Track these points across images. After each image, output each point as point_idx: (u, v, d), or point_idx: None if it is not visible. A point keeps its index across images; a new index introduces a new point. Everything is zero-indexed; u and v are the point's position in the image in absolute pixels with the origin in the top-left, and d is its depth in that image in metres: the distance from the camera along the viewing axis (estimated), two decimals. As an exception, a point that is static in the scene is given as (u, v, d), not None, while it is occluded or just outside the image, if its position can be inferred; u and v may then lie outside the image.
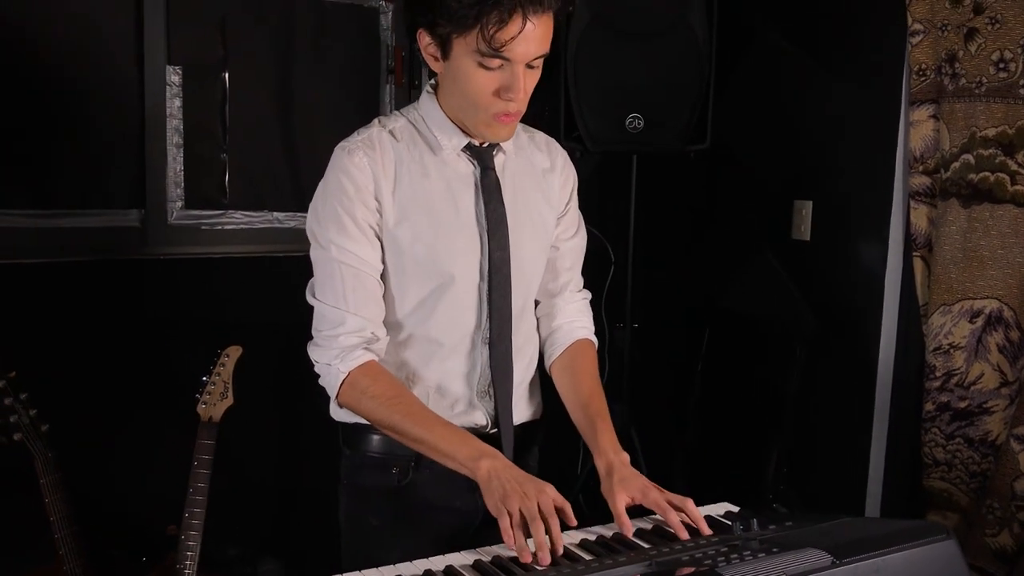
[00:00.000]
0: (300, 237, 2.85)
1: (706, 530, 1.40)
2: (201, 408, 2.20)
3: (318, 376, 1.59)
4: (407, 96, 3.01)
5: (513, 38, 1.40)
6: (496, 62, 1.43)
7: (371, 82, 2.98)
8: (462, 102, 1.51)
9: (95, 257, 2.55)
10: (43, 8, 2.49)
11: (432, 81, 1.61)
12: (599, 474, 1.55)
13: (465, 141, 1.58)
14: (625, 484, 1.48)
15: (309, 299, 1.59)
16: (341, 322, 1.53)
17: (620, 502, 1.45)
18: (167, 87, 2.67)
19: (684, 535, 1.39)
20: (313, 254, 1.58)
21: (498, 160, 1.61)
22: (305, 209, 2.89)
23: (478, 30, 1.39)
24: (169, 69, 2.67)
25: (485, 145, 1.59)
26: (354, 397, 1.54)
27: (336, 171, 1.55)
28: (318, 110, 2.90)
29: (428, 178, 1.56)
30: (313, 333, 1.59)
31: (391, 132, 1.58)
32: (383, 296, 1.58)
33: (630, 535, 1.41)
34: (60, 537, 2.01)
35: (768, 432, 2.98)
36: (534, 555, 1.31)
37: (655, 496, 1.46)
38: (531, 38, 1.42)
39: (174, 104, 2.69)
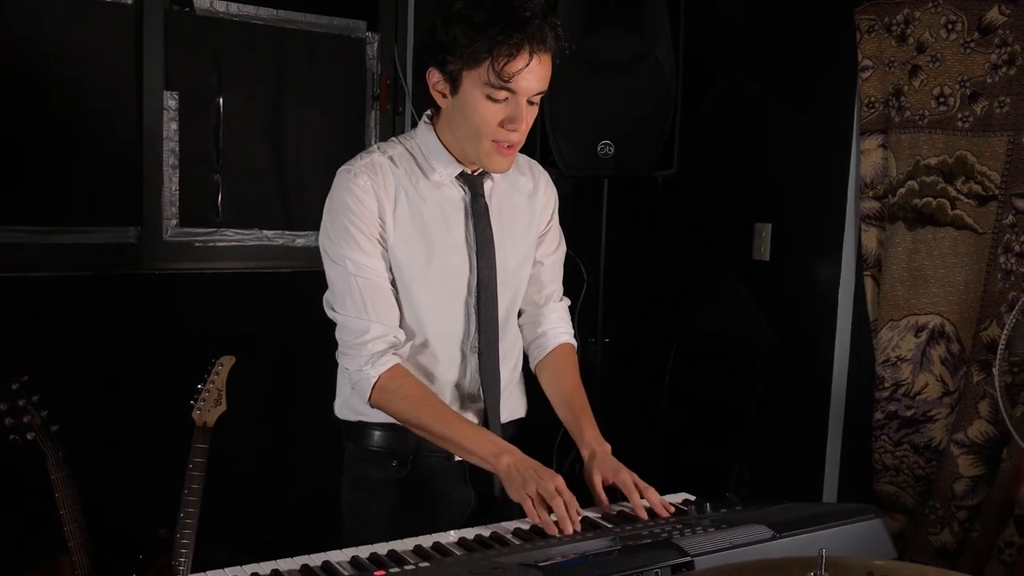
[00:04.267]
0: (288, 254, 3.04)
1: (664, 514, 1.57)
2: (196, 414, 2.30)
3: (355, 382, 1.71)
4: (391, 121, 3.17)
5: (520, 71, 1.57)
6: (503, 94, 1.59)
7: (357, 108, 3.13)
8: (468, 132, 1.65)
9: (94, 272, 2.68)
10: (47, 35, 2.62)
11: (428, 112, 1.75)
12: (583, 460, 1.72)
13: (459, 169, 1.73)
14: (601, 466, 1.67)
15: (329, 313, 1.72)
16: (366, 330, 1.66)
17: (597, 481, 1.64)
18: (164, 111, 2.81)
19: (643, 515, 1.56)
20: (328, 271, 1.71)
21: (486, 186, 1.77)
22: (293, 227, 3.08)
23: (489, 63, 1.55)
24: (166, 94, 2.81)
25: (476, 173, 1.74)
26: (385, 399, 1.67)
27: (342, 192, 1.69)
28: (307, 134, 3.05)
29: (424, 202, 1.71)
30: (339, 343, 1.71)
31: (391, 158, 1.72)
32: None
33: (606, 507, 1.59)
34: (69, 530, 2.12)
35: (730, 441, 3.14)
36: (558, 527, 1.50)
37: (624, 476, 1.64)
38: (534, 73, 1.59)
39: (170, 127, 2.83)
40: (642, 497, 1.61)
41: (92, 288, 2.66)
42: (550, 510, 1.53)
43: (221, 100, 2.89)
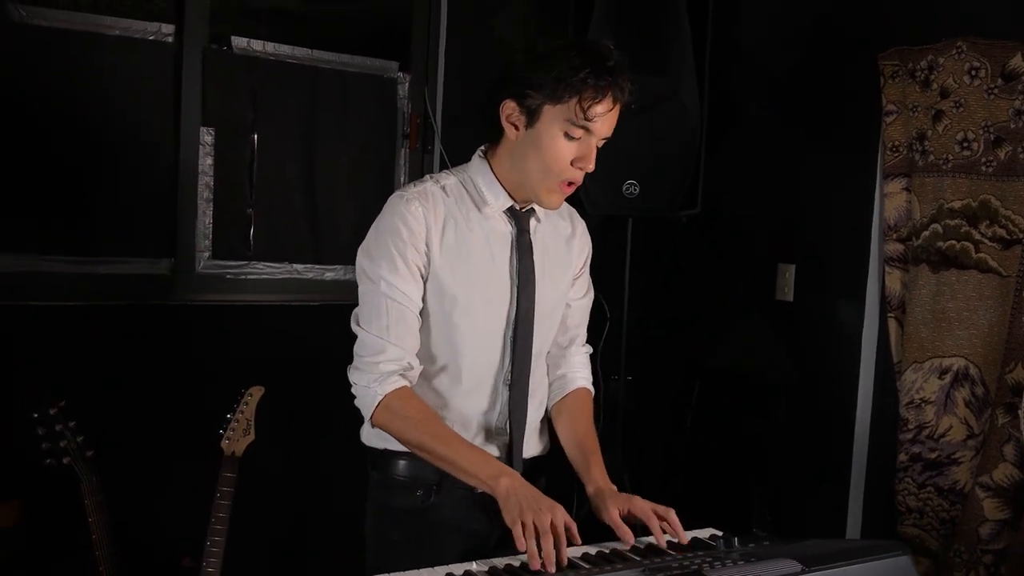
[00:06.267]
0: (317, 287, 3.09)
1: (684, 537, 1.60)
2: (225, 443, 2.34)
3: (353, 397, 1.75)
4: (420, 160, 3.23)
5: (602, 113, 1.65)
6: (579, 132, 1.66)
7: (388, 146, 3.19)
8: (536, 165, 1.70)
9: (129, 302, 2.73)
10: (91, 71, 2.70)
11: (483, 147, 1.81)
12: (589, 500, 1.74)
13: (509, 203, 1.78)
14: (615, 499, 1.69)
15: (353, 327, 1.76)
16: (382, 350, 1.71)
17: (614, 513, 1.65)
18: (200, 146, 2.87)
19: (663, 542, 1.58)
20: (362, 287, 1.76)
21: (531, 223, 1.82)
22: (323, 262, 3.14)
23: (576, 102, 1.63)
24: (203, 130, 2.87)
25: (524, 210, 1.79)
26: (387, 418, 1.70)
27: (392, 216, 1.73)
28: (338, 171, 3.11)
29: (471, 232, 1.76)
30: (355, 358, 1.75)
31: (443, 188, 1.78)
32: (420, 331, 1.76)
33: (630, 540, 1.60)
34: (101, 555, 2.16)
35: (753, 481, 3.13)
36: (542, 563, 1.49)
37: (641, 504, 1.66)
38: (611, 118, 1.68)
39: (206, 162, 2.89)
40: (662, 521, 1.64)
41: (127, 318, 2.71)
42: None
43: (256, 136, 2.96)
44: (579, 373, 1.96)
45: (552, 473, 1.98)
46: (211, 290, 2.91)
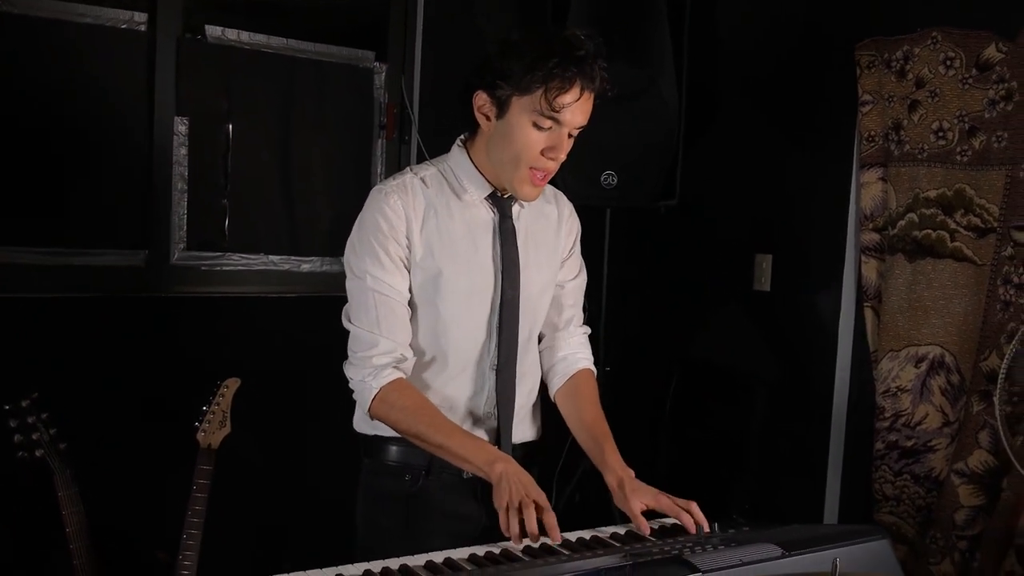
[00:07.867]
0: (293, 279, 3.07)
1: (706, 527, 1.62)
2: (200, 436, 2.32)
3: (341, 389, 1.76)
4: (397, 150, 3.21)
5: (569, 104, 1.64)
6: (548, 123, 1.65)
7: (364, 136, 3.17)
8: (507, 156, 1.70)
9: (103, 294, 2.70)
10: (63, 60, 2.66)
11: (462, 136, 1.81)
12: (610, 489, 1.76)
13: (489, 190, 1.78)
14: (638, 493, 1.71)
15: (345, 323, 1.77)
16: (374, 344, 1.71)
17: (636, 507, 1.67)
18: (174, 136, 2.84)
19: (693, 530, 1.61)
20: (349, 283, 1.77)
21: (514, 209, 1.82)
22: (299, 253, 3.12)
23: (542, 92, 1.62)
24: (177, 119, 2.85)
25: (505, 196, 1.79)
26: (384, 410, 1.71)
27: (372, 211, 1.75)
28: (314, 161, 3.09)
29: (452, 220, 1.76)
30: (349, 354, 1.76)
31: (422, 179, 1.78)
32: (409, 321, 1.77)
33: (647, 534, 1.62)
34: (75, 548, 2.13)
35: (731, 470, 3.15)
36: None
37: (666, 501, 1.69)
38: (581, 108, 1.66)
39: (180, 152, 2.86)
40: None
41: (101, 309, 2.68)
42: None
43: (230, 126, 2.93)
44: (580, 354, 1.97)
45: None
46: (186, 282, 2.88)
